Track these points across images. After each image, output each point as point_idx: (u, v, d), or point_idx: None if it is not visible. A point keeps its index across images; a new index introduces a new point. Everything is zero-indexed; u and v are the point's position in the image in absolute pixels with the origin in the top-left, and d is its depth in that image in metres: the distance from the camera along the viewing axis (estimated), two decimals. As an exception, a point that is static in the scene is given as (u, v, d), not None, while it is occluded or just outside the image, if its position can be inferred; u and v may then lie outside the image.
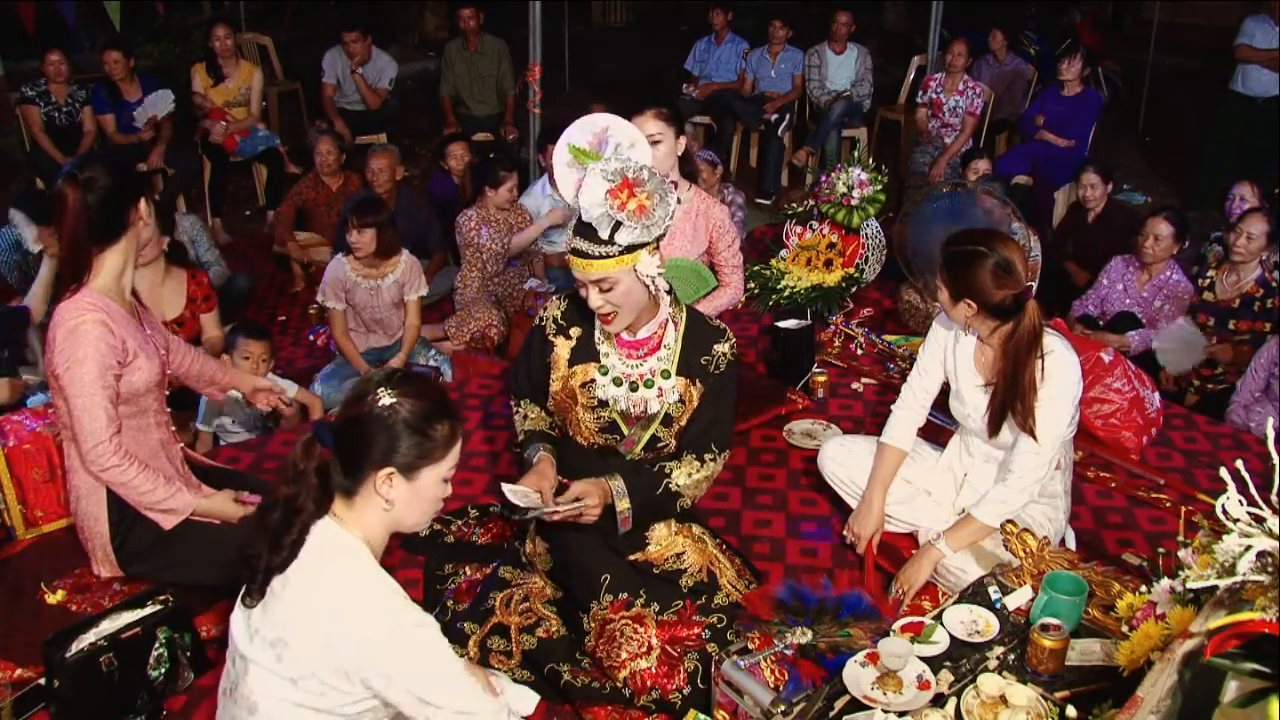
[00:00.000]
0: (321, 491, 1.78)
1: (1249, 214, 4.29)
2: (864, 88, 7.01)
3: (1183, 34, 9.06)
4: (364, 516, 1.80)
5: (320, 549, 1.77)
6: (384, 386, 1.77)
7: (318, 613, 1.72)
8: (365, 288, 4.25)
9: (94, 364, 2.40)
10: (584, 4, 11.68)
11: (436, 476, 1.82)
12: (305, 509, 1.77)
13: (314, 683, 1.73)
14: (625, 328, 2.55)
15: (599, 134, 2.43)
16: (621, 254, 2.37)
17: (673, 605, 2.55)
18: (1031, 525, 2.67)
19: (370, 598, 1.75)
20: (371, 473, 1.76)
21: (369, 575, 1.77)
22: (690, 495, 2.64)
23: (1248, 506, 1.59)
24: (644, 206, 2.32)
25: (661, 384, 2.56)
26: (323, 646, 1.71)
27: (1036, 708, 1.97)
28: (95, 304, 2.44)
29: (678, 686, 2.41)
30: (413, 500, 1.81)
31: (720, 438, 2.64)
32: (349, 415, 1.78)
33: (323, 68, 6.80)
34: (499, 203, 4.75)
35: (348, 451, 1.77)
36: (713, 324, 2.65)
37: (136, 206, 2.52)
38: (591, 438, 2.64)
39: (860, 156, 4.82)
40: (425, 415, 1.77)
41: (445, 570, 2.97)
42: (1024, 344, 2.57)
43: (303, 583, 1.75)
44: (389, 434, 1.75)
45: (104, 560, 2.62)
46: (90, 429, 2.43)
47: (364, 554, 1.79)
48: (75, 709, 2.31)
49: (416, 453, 1.77)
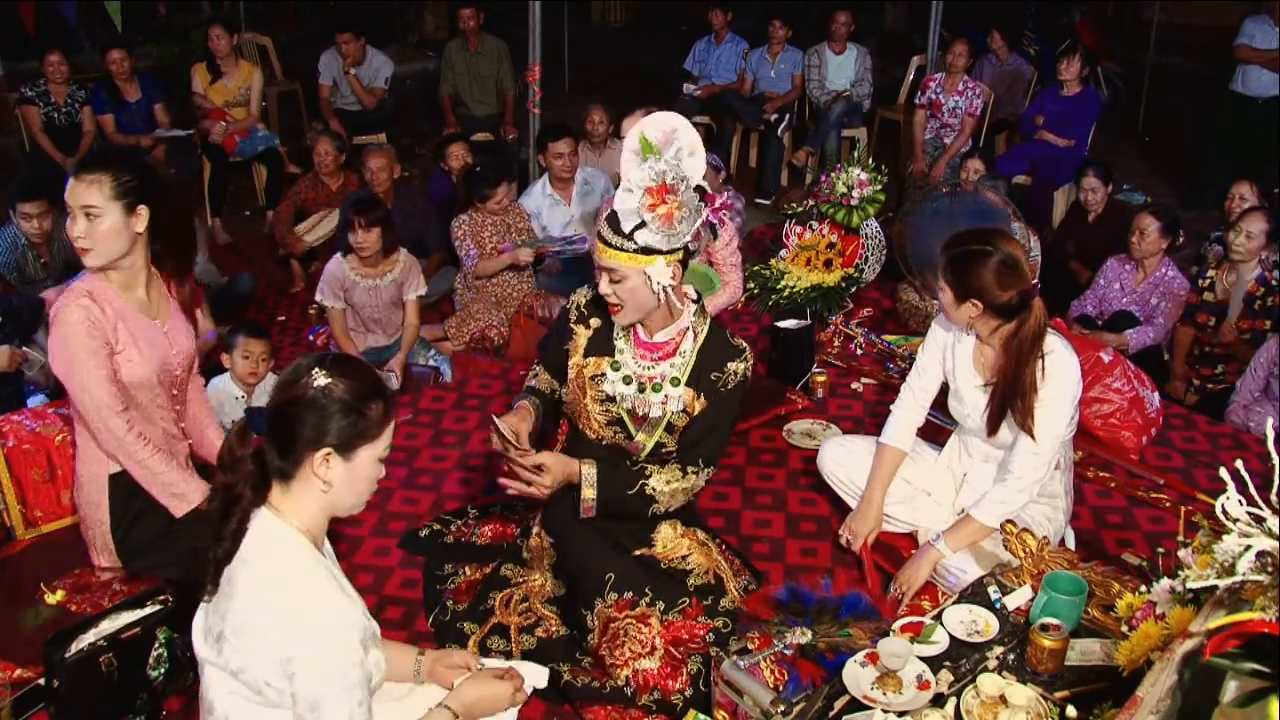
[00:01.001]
0: (258, 478, 1.78)
1: (1248, 213, 4.29)
2: (864, 88, 7.01)
3: (1183, 34, 9.05)
4: (301, 502, 1.79)
5: (257, 541, 1.76)
6: (317, 368, 1.76)
7: (253, 604, 1.71)
8: (364, 287, 4.25)
9: (78, 345, 2.42)
10: (584, 4, 11.68)
11: (372, 456, 1.81)
12: (243, 496, 1.76)
13: (251, 675, 1.72)
14: (642, 327, 2.55)
15: (668, 133, 2.43)
16: (636, 252, 2.37)
17: (678, 603, 2.55)
18: (1031, 525, 2.66)
19: (299, 585, 1.73)
20: (309, 454, 1.75)
21: (301, 562, 1.76)
22: (664, 503, 2.58)
23: (1247, 506, 1.59)
24: (671, 215, 2.33)
25: (669, 391, 2.55)
26: (256, 638, 1.70)
27: (1036, 708, 1.97)
28: (89, 290, 2.46)
29: (679, 688, 2.41)
30: (350, 480, 1.80)
31: (709, 452, 2.60)
32: (284, 398, 1.77)
33: (318, 69, 6.80)
34: (492, 210, 4.71)
35: (284, 435, 1.76)
36: (733, 342, 2.61)
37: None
38: (600, 430, 2.64)
39: (860, 156, 4.82)
40: (359, 394, 1.76)
41: (445, 570, 2.97)
42: (1027, 343, 2.57)
43: (241, 575, 1.74)
44: (324, 414, 1.74)
45: (103, 549, 2.63)
46: (93, 406, 2.45)
47: (299, 541, 1.78)
48: (75, 709, 2.31)
49: (352, 432, 1.76)
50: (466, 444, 3.74)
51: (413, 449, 3.70)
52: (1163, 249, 4.47)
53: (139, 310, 2.54)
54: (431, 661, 2.11)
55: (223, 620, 1.74)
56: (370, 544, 3.16)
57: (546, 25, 5.68)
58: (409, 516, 3.29)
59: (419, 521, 3.24)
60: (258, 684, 1.71)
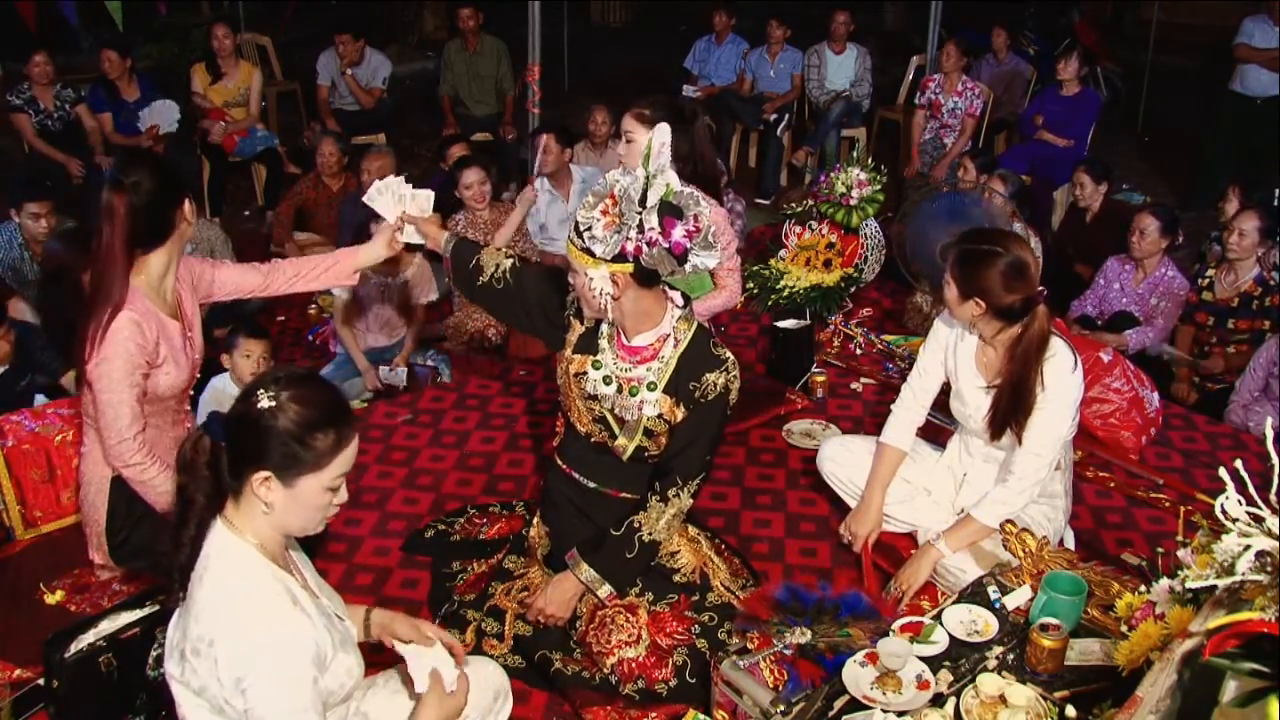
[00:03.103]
0: (212, 485, 1.71)
1: (1240, 211, 4.32)
2: (863, 88, 7.01)
3: (1182, 34, 9.04)
4: (250, 519, 1.73)
5: (213, 556, 1.71)
6: (267, 387, 1.68)
7: (207, 623, 1.66)
8: (375, 282, 4.25)
9: (122, 362, 2.41)
10: (583, 4, 11.67)
11: (318, 485, 1.71)
12: (196, 501, 1.71)
13: (211, 695, 1.67)
14: (621, 331, 2.55)
15: (659, 147, 2.42)
16: (581, 250, 2.36)
17: (667, 596, 2.57)
18: (1031, 525, 2.66)
19: (248, 611, 1.67)
20: (249, 473, 1.68)
21: (254, 585, 1.70)
22: (666, 535, 2.57)
23: (1247, 506, 1.59)
24: (612, 223, 2.32)
25: (645, 395, 2.52)
26: (210, 658, 1.65)
27: (1036, 708, 1.97)
28: (132, 303, 2.45)
29: (664, 678, 2.43)
30: (292, 506, 1.71)
31: (684, 469, 2.53)
32: (236, 411, 1.70)
33: (317, 69, 6.80)
34: (474, 202, 4.67)
35: (233, 448, 1.69)
36: (715, 352, 2.53)
37: (182, 207, 2.52)
38: (588, 426, 2.64)
39: (859, 157, 4.82)
40: (306, 423, 1.66)
41: (454, 568, 2.99)
42: (1032, 348, 2.57)
43: (197, 593, 1.69)
44: (264, 437, 1.65)
45: (98, 547, 2.68)
46: (115, 426, 2.46)
47: (254, 561, 1.71)
48: (74, 709, 2.31)
49: (292, 460, 1.67)
50: (466, 444, 3.74)
51: (413, 449, 3.70)
52: (1162, 249, 4.47)
53: (168, 316, 2.55)
54: (380, 622, 2.04)
55: (184, 638, 1.69)
56: (370, 544, 3.16)
57: (546, 25, 5.68)
58: (409, 516, 3.29)
59: (419, 522, 3.24)
60: (218, 703, 1.67)
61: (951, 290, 2.65)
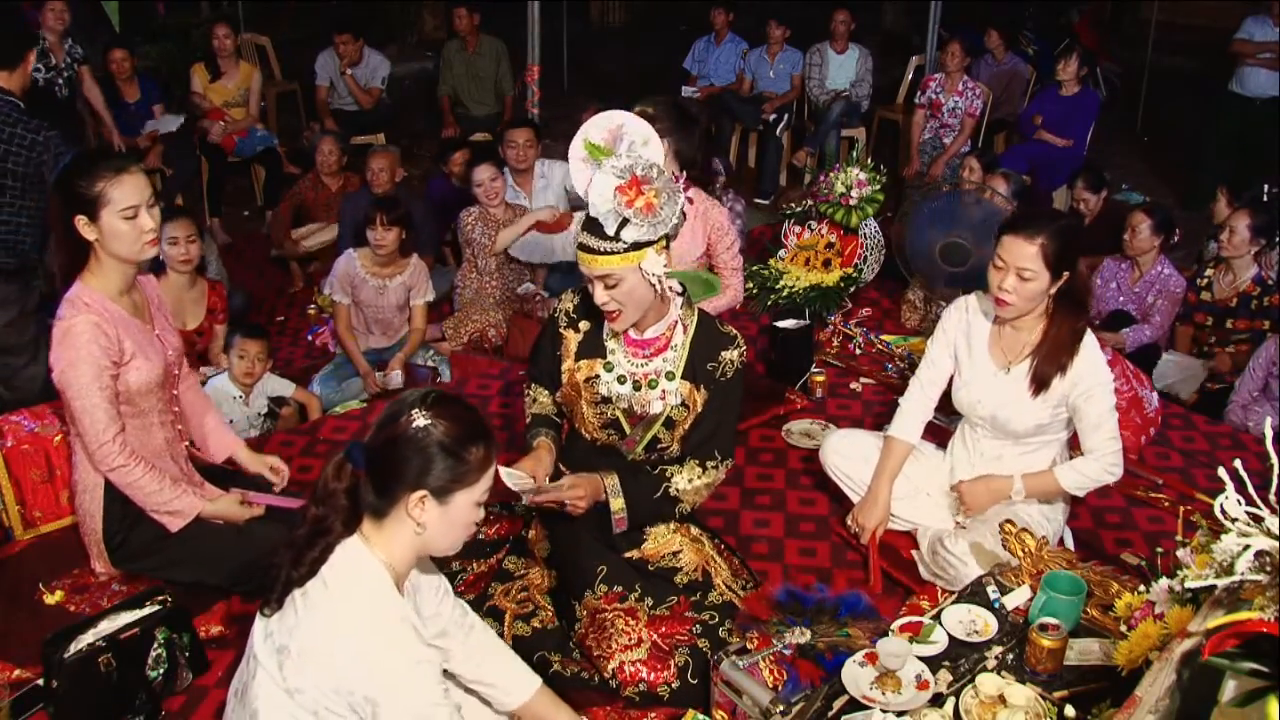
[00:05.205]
0: (350, 513, 1.77)
1: (1233, 211, 4.35)
2: (863, 88, 7.01)
3: (1182, 34, 9.05)
4: (392, 540, 1.78)
5: (341, 567, 1.75)
6: (418, 408, 1.74)
7: (325, 630, 1.70)
8: (373, 286, 4.25)
9: (88, 365, 2.39)
10: (583, 4, 11.67)
11: (469, 500, 1.78)
12: (333, 530, 1.76)
13: (308, 698, 1.71)
14: (632, 326, 2.55)
15: (614, 131, 2.41)
16: (627, 251, 2.36)
17: (666, 600, 2.57)
18: (1030, 525, 2.67)
19: (376, 625, 1.72)
20: (403, 495, 1.73)
21: (381, 602, 1.75)
22: (690, 500, 2.63)
23: (1246, 506, 1.59)
24: (651, 204, 2.31)
25: (665, 386, 2.56)
26: (323, 664, 1.69)
27: (1035, 707, 1.97)
28: (89, 303, 2.44)
29: (666, 680, 2.43)
30: (444, 525, 1.78)
31: (723, 445, 2.63)
32: (383, 436, 1.75)
33: (316, 70, 6.80)
34: (480, 199, 4.69)
35: (380, 473, 1.74)
36: (723, 329, 2.62)
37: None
38: (595, 433, 2.65)
39: (859, 156, 4.82)
40: (460, 438, 1.74)
41: (454, 567, 2.98)
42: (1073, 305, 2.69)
43: (318, 599, 1.73)
44: (423, 456, 1.72)
45: (99, 556, 2.65)
46: (92, 430, 2.44)
47: (383, 579, 1.76)
48: (74, 709, 2.31)
49: (449, 476, 1.73)
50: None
51: (412, 449, 3.69)
52: (1155, 246, 4.48)
53: (132, 315, 2.54)
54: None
55: (289, 635, 1.73)
56: (369, 544, 3.15)
57: (545, 25, 5.68)
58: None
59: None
60: (314, 706, 1.71)
61: (1042, 275, 2.60)
